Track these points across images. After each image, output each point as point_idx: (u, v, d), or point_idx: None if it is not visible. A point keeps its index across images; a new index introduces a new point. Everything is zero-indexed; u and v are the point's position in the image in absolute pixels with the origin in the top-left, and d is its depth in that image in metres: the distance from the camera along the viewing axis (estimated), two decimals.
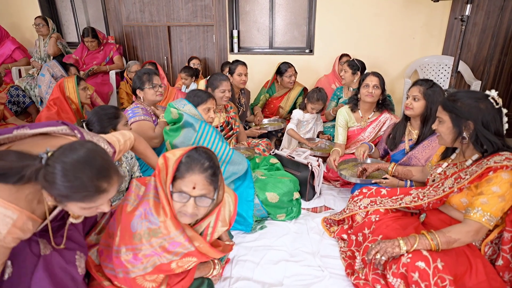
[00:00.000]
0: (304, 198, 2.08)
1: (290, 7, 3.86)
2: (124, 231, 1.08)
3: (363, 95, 2.20)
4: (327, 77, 3.52)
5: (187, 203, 1.05)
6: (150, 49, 4.28)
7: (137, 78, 2.12)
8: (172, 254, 1.10)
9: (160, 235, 1.07)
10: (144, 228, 1.06)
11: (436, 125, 1.34)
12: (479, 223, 1.15)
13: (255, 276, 1.43)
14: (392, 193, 1.55)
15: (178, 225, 1.08)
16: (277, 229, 1.78)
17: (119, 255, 1.07)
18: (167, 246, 1.08)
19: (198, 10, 3.96)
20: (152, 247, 1.07)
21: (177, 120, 1.75)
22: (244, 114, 3.15)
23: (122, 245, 1.07)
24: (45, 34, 3.78)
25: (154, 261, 1.09)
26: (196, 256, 1.14)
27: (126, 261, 1.07)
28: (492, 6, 3.23)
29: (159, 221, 1.06)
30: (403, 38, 3.52)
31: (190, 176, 1.05)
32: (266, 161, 2.20)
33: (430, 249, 1.17)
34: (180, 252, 1.11)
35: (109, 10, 4.18)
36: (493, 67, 3.43)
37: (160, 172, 1.10)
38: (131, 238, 1.07)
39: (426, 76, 3.51)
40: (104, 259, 1.15)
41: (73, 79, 2.34)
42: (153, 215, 1.07)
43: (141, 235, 1.06)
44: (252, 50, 4.09)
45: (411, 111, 1.81)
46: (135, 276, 1.08)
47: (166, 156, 1.11)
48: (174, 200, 1.07)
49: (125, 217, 1.10)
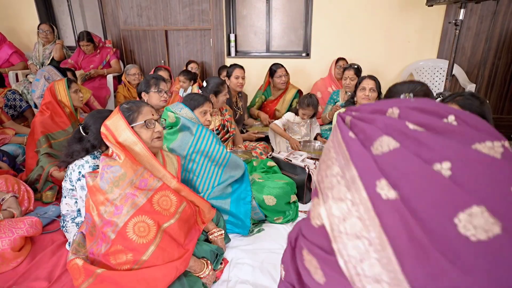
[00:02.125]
0: (301, 201, 2.09)
1: (286, 11, 3.89)
2: (96, 197, 1.19)
3: (360, 98, 2.23)
4: (323, 81, 3.55)
5: (155, 126, 1.36)
6: (147, 53, 4.30)
7: (144, 81, 2.16)
8: (145, 191, 1.24)
9: (127, 177, 1.22)
10: (111, 179, 1.20)
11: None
12: None
13: (252, 279, 1.43)
14: None
15: (137, 163, 1.27)
16: (274, 232, 1.79)
17: (103, 218, 1.17)
18: (137, 183, 1.24)
19: (195, 14, 3.99)
20: (124, 190, 1.20)
21: (174, 124, 1.76)
22: (242, 117, 3.16)
23: (102, 207, 1.17)
24: (51, 41, 3.82)
25: (133, 202, 1.20)
26: (169, 189, 1.33)
27: (110, 216, 1.16)
28: (485, 10, 3.28)
29: (119, 166, 1.21)
30: (399, 42, 3.56)
31: (143, 108, 1.35)
32: (263, 164, 2.21)
33: None
34: (152, 187, 1.27)
35: (106, 14, 4.20)
36: (487, 71, 3.47)
37: (107, 137, 1.28)
38: (105, 194, 1.19)
39: (421, 79, 3.55)
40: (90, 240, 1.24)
41: (63, 82, 2.29)
42: (112, 166, 1.22)
43: (111, 186, 1.19)
44: (249, 54, 4.11)
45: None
46: (124, 223, 1.15)
47: (104, 124, 1.30)
48: (142, 133, 1.32)
49: (91, 189, 1.22)
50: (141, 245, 1.16)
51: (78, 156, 1.49)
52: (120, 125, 1.28)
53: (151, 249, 1.17)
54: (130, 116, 1.32)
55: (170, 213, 1.29)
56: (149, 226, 1.20)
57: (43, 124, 2.21)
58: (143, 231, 1.18)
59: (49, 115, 2.25)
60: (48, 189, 2.09)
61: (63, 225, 1.58)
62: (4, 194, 1.72)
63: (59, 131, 2.28)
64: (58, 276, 1.41)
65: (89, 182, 1.24)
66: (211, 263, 1.40)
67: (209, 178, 1.75)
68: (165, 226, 1.25)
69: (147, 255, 1.16)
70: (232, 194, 1.81)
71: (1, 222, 1.53)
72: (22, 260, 1.50)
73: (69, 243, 1.57)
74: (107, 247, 1.16)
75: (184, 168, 1.72)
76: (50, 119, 2.25)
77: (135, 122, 1.32)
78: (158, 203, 1.26)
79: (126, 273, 1.14)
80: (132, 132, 1.28)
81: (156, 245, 1.19)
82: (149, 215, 1.21)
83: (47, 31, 3.79)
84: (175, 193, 1.36)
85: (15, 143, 2.48)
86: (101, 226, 1.17)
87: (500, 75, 3.47)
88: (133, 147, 1.28)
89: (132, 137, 1.28)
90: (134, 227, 1.17)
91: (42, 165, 2.09)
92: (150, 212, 1.22)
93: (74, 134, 1.56)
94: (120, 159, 1.23)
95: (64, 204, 1.55)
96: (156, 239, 1.19)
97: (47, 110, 2.26)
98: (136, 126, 1.32)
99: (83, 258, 1.19)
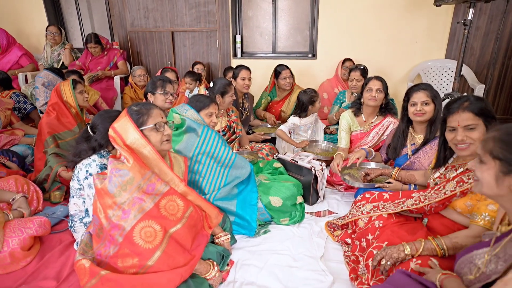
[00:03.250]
0: (307, 202, 2.08)
1: (292, 12, 3.89)
2: (104, 200, 1.20)
3: (366, 99, 2.21)
4: (330, 81, 3.53)
5: (165, 129, 1.35)
6: (154, 54, 4.33)
7: (151, 82, 2.18)
8: (152, 195, 1.24)
9: (135, 181, 1.21)
10: (119, 183, 1.20)
11: (463, 135, 1.26)
12: (486, 229, 1.14)
13: (258, 281, 1.43)
14: (395, 197, 1.54)
15: (145, 166, 1.26)
16: (280, 233, 1.78)
17: (111, 221, 1.17)
18: (145, 188, 1.23)
19: (201, 15, 4.01)
20: (132, 194, 1.20)
21: (179, 126, 1.76)
22: (248, 118, 3.16)
23: (110, 210, 1.17)
24: (59, 42, 3.88)
25: (141, 207, 1.20)
26: (176, 194, 1.32)
27: (118, 220, 1.16)
28: (495, 10, 3.23)
29: (128, 170, 1.21)
30: (406, 42, 3.52)
31: (153, 110, 1.34)
32: (269, 165, 2.20)
33: (436, 254, 1.17)
34: (160, 191, 1.26)
35: (113, 16, 4.24)
36: (497, 71, 3.42)
37: (115, 140, 1.27)
38: (113, 198, 1.18)
39: (429, 79, 3.52)
40: (97, 241, 1.24)
41: (69, 83, 2.32)
42: (120, 170, 1.21)
43: (119, 190, 1.19)
44: (255, 55, 4.11)
45: (423, 117, 1.76)
46: (131, 228, 1.16)
47: (112, 126, 1.29)
48: (152, 136, 1.31)
49: (99, 191, 1.22)
50: (147, 250, 1.16)
51: (85, 155, 1.51)
52: (128, 127, 1.26)
53: (156, 255, 1.17)
54: (140, 119, 1.30)
55: (177, 218, 1.28)
56: (156, 231, 1.19)
57: (50, 125, 2.24)
58: (149, 236, 1.17)
59: (55, 116, 2.28)
60: (56, 189, 2.12)
61: (71, 225, 1.60)
62: (14, 194, 1.75)
63: (65, 131, 2.30)
64: (66, 276, 1.42)
65: (97, 185, 1.24)
66: (217, 264, 1.40)
67: (215, 179, 1.75)
68: (172, 231, 1.24)
69: (153, 260, 1.16)
70: (238, 195, 1.81)
71: (11, 222, 1.56)
72: (31, 260, 1.52)
73: (77, 243, 1.59)
74: (116, 249, 1.17)
75: (190, 169, 1.72)
76: (56, 120, 2.28)
77: (145, 125, 1.31)
78: (165, 207, 1.26)
79: (130, 276, 1.14)
80: (141, 135, 1.26)
81: (162, 251, 1.18)
82: (156, 220, 1.21)
83: (55, 33, 3.86)
84: (182, 198, 1.35)
85: (24, 143, 2.52)
86: (109, 229, 1.18)
87: (510, 76, 3.41)
88: (141, 150, 1.28)
89: (141, 140, 1.26)
90: (140, 232, 1.16)
91: (51, 165, 2.12)
92: (157, 217, 1.22)
93: (82, 134, 1.58)
94: (129, 163, 1.22)
95: (72, 204, 1.57)
96: (162, 245, 1.19)
97: (53, 111, 2.29)
98: (146, 129, 1.31)
99: (90, 259, 1.19)
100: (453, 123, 1.28)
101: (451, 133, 1.31)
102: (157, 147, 1.32)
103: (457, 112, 1.27)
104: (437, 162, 1.49)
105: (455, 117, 1.28)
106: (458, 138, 1.27)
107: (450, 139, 1.32)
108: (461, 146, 1.28)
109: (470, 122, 1.25)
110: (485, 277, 0.86)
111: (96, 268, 1.15)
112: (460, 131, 1.27)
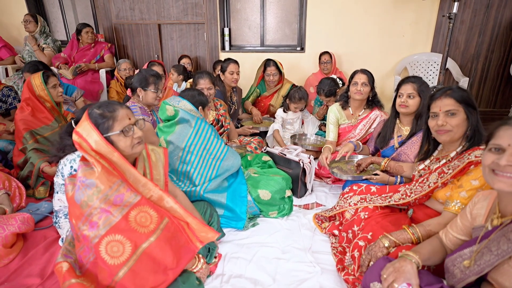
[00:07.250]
0: (296, 195, 2.10)
1: (281, 5, 3.86)
2: (73, 209, 1.13)
3: (352, 93, 2.23)
4: (315, 75, 3.54)
5: (134, 132, 1.22)
6: (140, 47, 4.24)
7: (142, 77, 2.06)
8: (120, 207, 1.13)
9: (101, 193, 1.11)
10: (86, 193, 1.11)
11: (444, 120, 1.29)
12: (457, 215, 1.17)
13: (247, 273, 1.44)
14: (382, 191, 1.57)
15: (114, 175, 1.14)
16: (269, 226, 1.79)
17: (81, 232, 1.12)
18: (112, 199, 1.12)
19: (188, 8, 3.94)
20: (99, 205, 1.10)
21: (171, 117, 1.74)
22: (236, 112, 3.15)
23: (79, 222, 1.11)
24: (32, 31, 3.69)
25: (108, 220, 1.10)
26: (148, 204, 1.19)
27: (86, 231, 1.10)
28: (479, 4, 3.29)
29: (94, 179, 1.11)
30: (393, 36, 3.56)
31: (118, 112, 1.20)
32: (258, 159, 2.21)
33: (412, 242, 1.21)
34: (129, 202, 1.14)
35: (98, 7, 4.12)
36: (480, 64, 3.50)
37: (80, 144, 1.14)
38: (80, 209, 1.11)
39: (416, 73, 3.56)
40: (77, 245, 1.19)
41: (39, 76, 2.17)
42: (87, 179, 1.11)
43: (85, 201, 1.11)
44: (243, 48, 4.08)
45: (406, 109, 1.80)
46: (97, 241, 1.08)
47: (75, 131, 1.15)
48: (120, 141, 1.19)
49: (69, 200, 1.15)
50: (113, 266, 1.07)
51: (70, 150, 1.47)
52: (92, 135, 1.13)
53: (122, 272, 1.08)
54: (105, 124, 1.17)
55: (150, 230, 1.15)
56: (124, 246, 1.10)
57: (24, 121, 2.15)
58: (116, 251, 1.08)
59: (29, 112, 2.17)
60: (41, 184, 2.07)
61: (56, 221, 1.56)
62: None
63: (42, 127, 2.22)
64: (51, 273, 1.40)
65: (68, 191, 1.16)
66: (203, 257, 1.40)
67: (206, 170, 1.75)
68: (145, 246, 1.13)
69: (118, 277, 1.08)
70: (228, 188, 1.81)
71: None
72: (14, 257, 1.49)
73: (62, 239, 1.56)
74: (94, 257, 1.12)
75: (182, 160, 1.71)
76: (31, 116, 2.18)
77: (111, 131, 1.18)
78: (135, 220, 1.14)
79: None
80: (106, 143, 1.14)
81: (128, 268, 1.09)
82: (124, 234, 1.10)
83: (27, 20, 3.64)
84: (155, 208, 1.20)
85: (6, 139, 2.44)
86: (82, 239, 1.13)
87: (493, 69, 3.49)
88: (110, 156, 1.16)
89: (106, 148, 1.14)
90: (107, 247, 1.08)
91: (32, 161, 2.06)
92: (125, 230, 1.11)
93: (66, 128, 1.53)
94: (97, 171, 1.11)
95: (57, 200, 1.54)
96: (130, 262, 1.09)
97: (27, 107, 2.18)
98: (113, 135, 1.18)
99: (70, 262, 1.14)
100: (435, 109, 1.32)
101: (433, 120, 1.34)
102: (128, 152, 1.22)
103: (440, 98, 1.31)
104: (419, 152, 1.52)
105: (437, 103, 1.31)
106: (439, 122, 1.29)
107: (432, 126, 1.35)
108: (441, 130, 1.31)
109: (451, 107, 1.28)
110: (478, 270, 0.89)
111: (71, 274, 1.10)
112: (441, 116, 1.30)
